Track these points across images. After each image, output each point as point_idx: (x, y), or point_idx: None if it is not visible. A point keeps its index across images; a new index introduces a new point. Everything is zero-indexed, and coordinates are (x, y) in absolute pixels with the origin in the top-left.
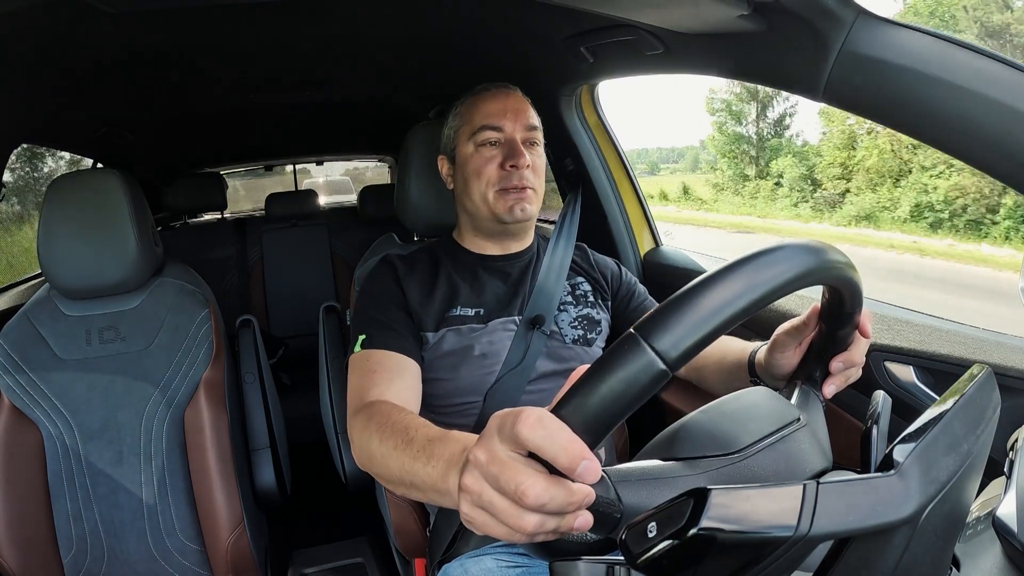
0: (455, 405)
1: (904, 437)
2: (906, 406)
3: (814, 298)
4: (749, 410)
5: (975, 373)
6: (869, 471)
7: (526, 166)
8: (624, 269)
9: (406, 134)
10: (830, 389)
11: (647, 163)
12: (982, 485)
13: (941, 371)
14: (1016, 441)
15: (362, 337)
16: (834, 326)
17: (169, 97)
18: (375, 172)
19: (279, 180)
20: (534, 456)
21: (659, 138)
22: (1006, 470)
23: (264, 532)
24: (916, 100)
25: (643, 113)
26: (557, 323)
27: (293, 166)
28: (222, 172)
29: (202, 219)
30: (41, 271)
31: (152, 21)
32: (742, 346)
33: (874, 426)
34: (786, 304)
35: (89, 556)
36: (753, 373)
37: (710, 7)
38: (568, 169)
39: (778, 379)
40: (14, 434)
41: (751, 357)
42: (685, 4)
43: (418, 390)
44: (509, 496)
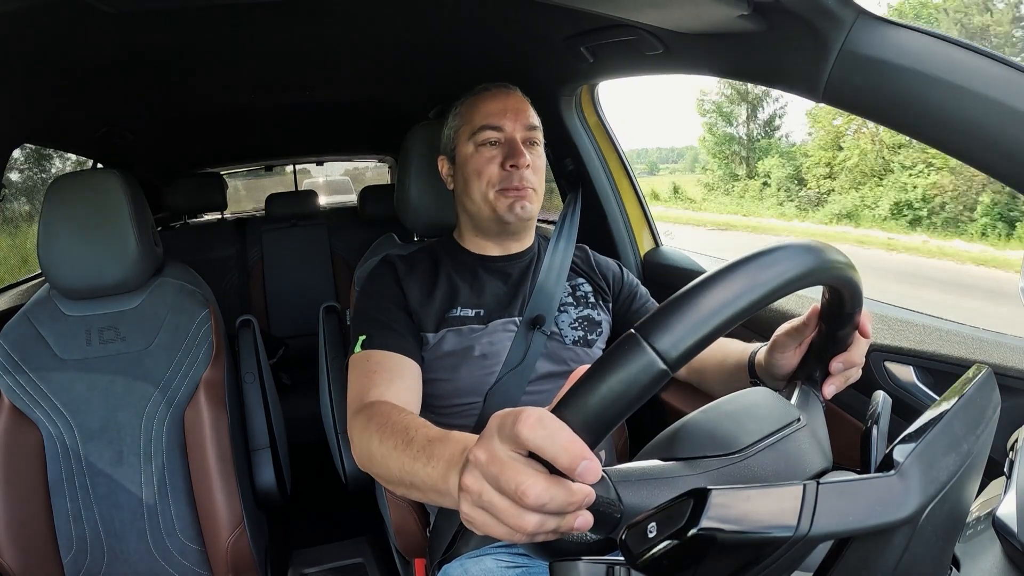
0: (455, 406)
1: (904, 437)
2: (906, 406)
3: (814, 298)
4: (749, 410)
5: (975, 373)
6: (869, 471)
7: (526, 166)
8: (626, 271)
9: (406, 134)
10: (830, 389)
11: (646, 163)
12: (982, 485)
13: (941, 371)
14: (1016, 441)
15: (362, 337)
16: (834, 326)
17: (169, 97)
18: (375, 172)
19: (279, 180)
20: (534, 456)
21: (659, 138)
22: (1006, 470)
23: (264, 532)
24: (916, 100)
25: (643, 113)
26: (557, 324)
27: (293, 166)
28: (222, 172)
29: (202, 219)
30: (41, 271)
31: (152, 21)
32: (742, 348)
33: (874, 426)
34: (786, 304)
35: (89, 556)
36: (753, 374)
37: (710, 7)
38: (568, 169)
39: (778, 379)
40: (14, 434)
41: (751, 358)
42: (685, 4)
43: (418, 390)
44: (509, 496)
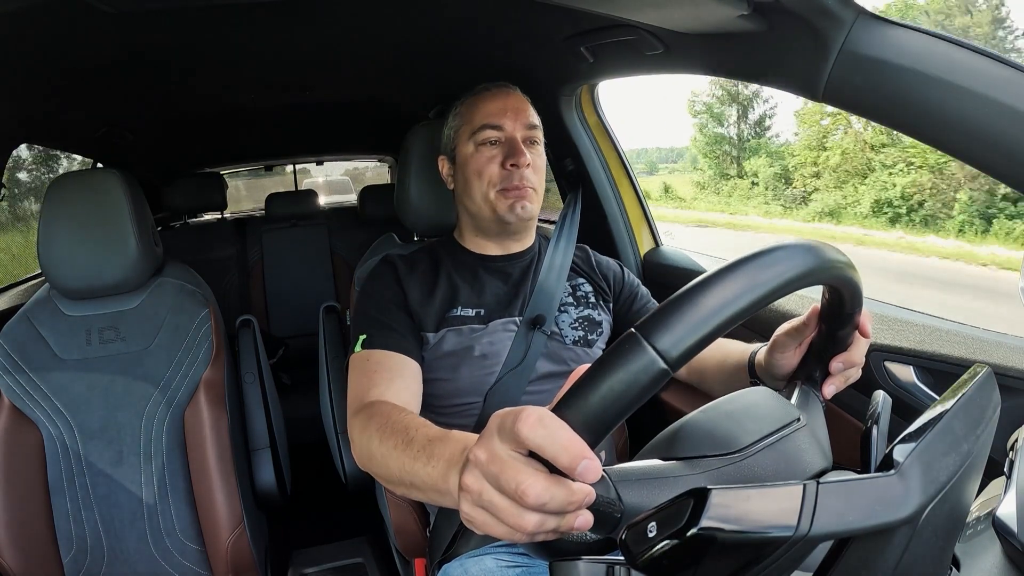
0: (455, 405)
1: (904, 437)
2: (906, 406)
3: (814, 298)
4: (749, 410)
5: (975, 373)
6: (869, 471)
7: (526, 165)
8: (626, 271)
9: (406, 134)
10: (830, 389)
11: (645, 163)
12: (982, 485)
13: (941, 371)
14: (1016, 441)
15: (362, 337)
16: (834, 326)
17: (169, 97)
18: (375, 172)
19: (279, 180)
20: (535, 455)
21: (658, 138)
22: (1006, 470)
23: (264, 532)
24: (916, 100)
25: (642, 113)
26: (558, 324)
27: (293, 166)
28: (222, 172)
29: (202, 219)
30: (41, 271)
31: (152, 21)
32: (742, 348)
33: (874, 426)
34: (786, 304)
35: (89, 556)
36: (753, 374)
37: (710, 7)
38: (568, 169)
39: (778, 379)
40: (14, 434)
41: (751, 358)
42: (685, 4)
43: (418, 390)
44: (509, 495)
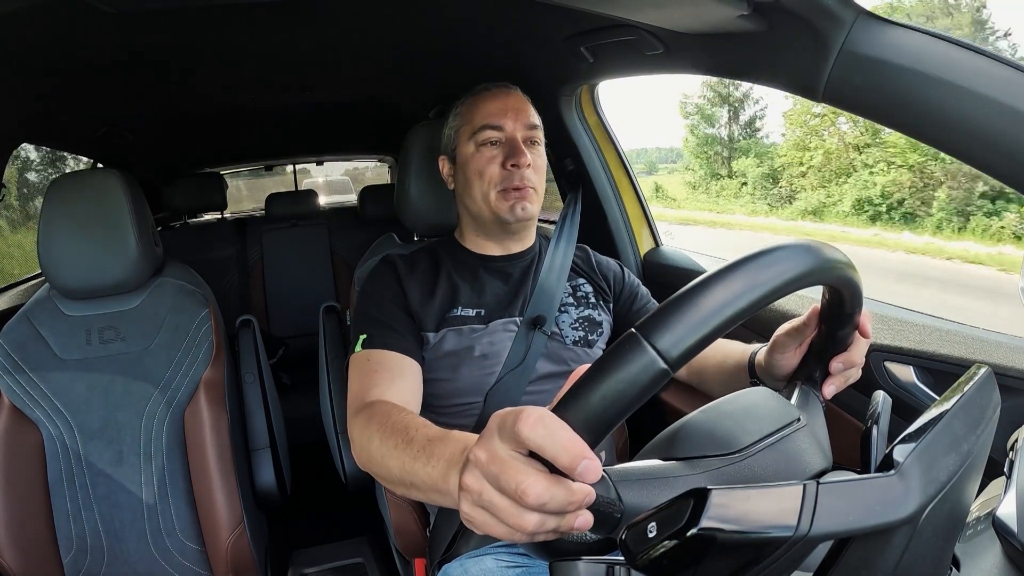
0: (455, 405)
1: (904, 437)
2: (906, 406)
3: (814, 298)
4: (749, 410)
5: (975, 373)
6: (869, 471)
7: (527, 165)
8: (627, 271)
9: (406, 134)
10: (830, 389)
11: (645, 163)
12: (982, 485)
13: (941, 371)
14: (1016, 441)
15: (363, 337)
16: (834, 326)
17: (169, 97)
18: (375, 172)
19: (280, 180)
20: (535, 455)
21: (658, 138)
22: (1006, 470)
23: (264, 532)
24: (916, 100)
25: (642, 113)
26: (558, 324)
27: (293, 166)
28: (222, 172)
29: (202, 219)
30: (41, 271)
31: (152, 21)
32: (742, 348)
33: (874, 426)
34: (786, 304)
35: (89, 556)
36: (753, 374)
37: (710, 7)
38: (568, 169)
39: (778, 380)
40: (14, 434)
41: (751, 358)
42: (685, 4)
43: (418, 390)
44: (509, 495)
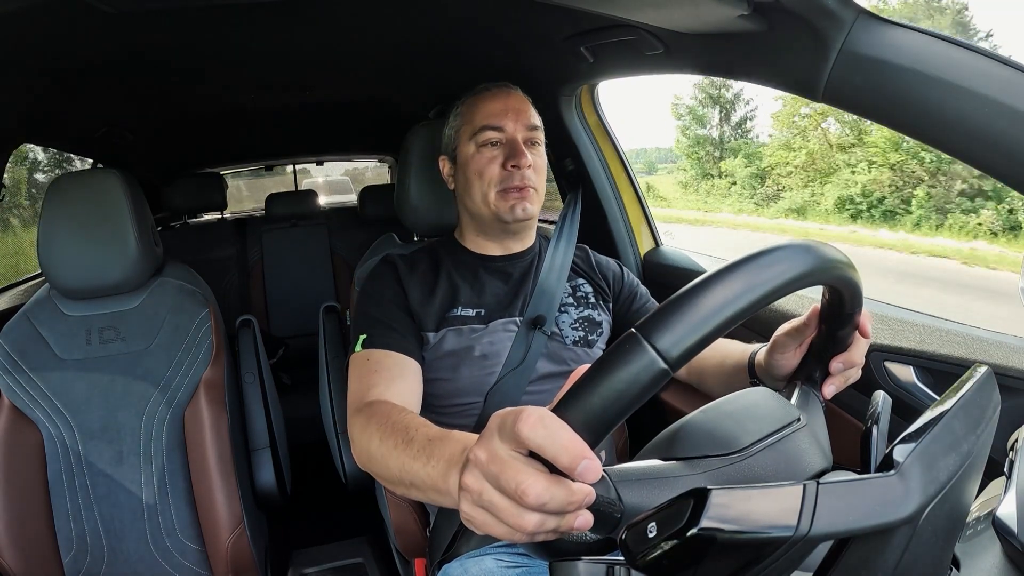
0: (455, 405)
1: (904, 437)
2: (906, 406)
3: (814, 298)
4: (749, 410)
5: (975, 373)
6: (869, 471)
7: (527, 166)
8: (626, 271)
9: (406, 134)
10: (830, 389)
11: (644, 163)
12: (982, 485)
13: (941, 371)
14: (1016, 441)
15: (363, 337)
16: (834, 327)
17: (169, 97)
18: (375, 172)
19: (280, 180)
20: (535, 456)
21: (657, 138)
22: (1006, 470)
23: (264, 532)
24: (916, 100)
25: (642, 113)
26: (558, 324)
27: (293, 166)
28: (222, 172)
29: (202, 219)
30: (41, 271)
31: (152, 21)
32: (742, 348)
33: (874, 426)
34: (786, 304)
35: (89, 556)
36: (753, 374)
37: (710, 7)
38: (568, 169)
39: (778, 380)
40: (14, 434)
41: (751, 358)
42: (685, 4)
43: (418, 390)
44: (509, 495)
